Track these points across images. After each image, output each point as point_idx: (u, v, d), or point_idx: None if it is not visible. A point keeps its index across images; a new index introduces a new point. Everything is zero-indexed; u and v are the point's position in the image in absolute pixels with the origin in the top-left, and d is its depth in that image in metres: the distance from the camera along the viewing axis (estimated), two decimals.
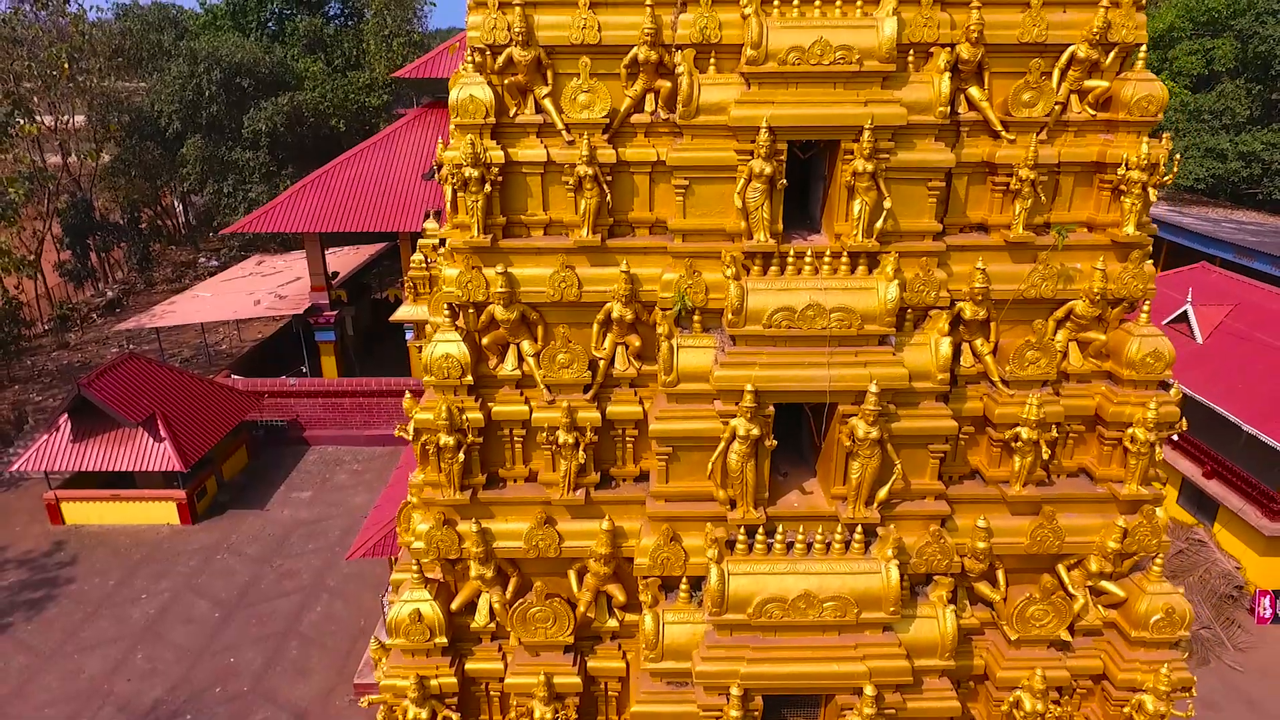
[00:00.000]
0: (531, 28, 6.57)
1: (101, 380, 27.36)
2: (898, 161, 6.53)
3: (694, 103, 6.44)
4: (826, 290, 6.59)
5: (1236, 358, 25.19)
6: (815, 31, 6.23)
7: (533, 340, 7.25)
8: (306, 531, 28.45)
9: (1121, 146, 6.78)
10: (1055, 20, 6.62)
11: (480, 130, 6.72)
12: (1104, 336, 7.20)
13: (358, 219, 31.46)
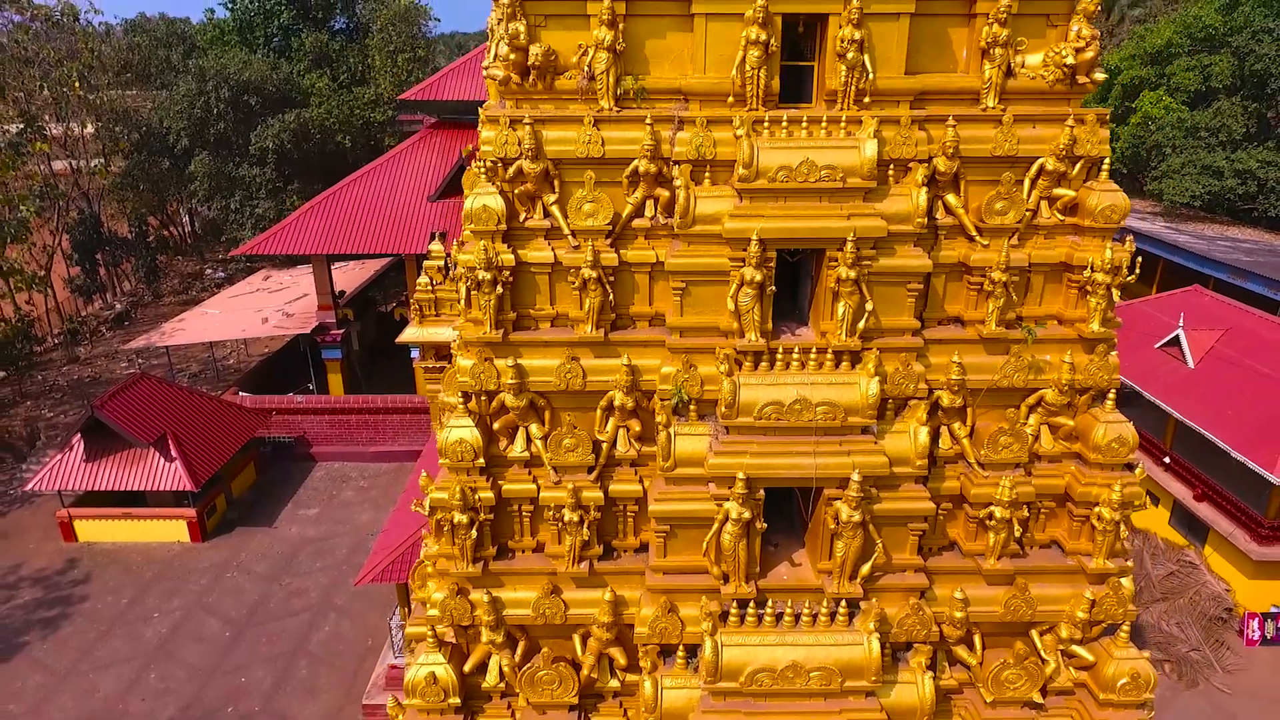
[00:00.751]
0: (540, 142, 7.10)
1: (114, 401, 27.92)
2: (879, 267, 7.06)
3: (690, 214, 6.97)
4: (813, 385, 7.12)
5: (1227, 383, 25.64)
6: (802, 152, 6.76)
7: (540, 424, 7.78)
8: (314, 549, 29.00)
9: (1087, 250, 7.30)
10: (1025, 135, 7.14)
11: (493, 235, 7.25)
12: (1072, 422, 7.72)
13: (364, 241, 32.02)
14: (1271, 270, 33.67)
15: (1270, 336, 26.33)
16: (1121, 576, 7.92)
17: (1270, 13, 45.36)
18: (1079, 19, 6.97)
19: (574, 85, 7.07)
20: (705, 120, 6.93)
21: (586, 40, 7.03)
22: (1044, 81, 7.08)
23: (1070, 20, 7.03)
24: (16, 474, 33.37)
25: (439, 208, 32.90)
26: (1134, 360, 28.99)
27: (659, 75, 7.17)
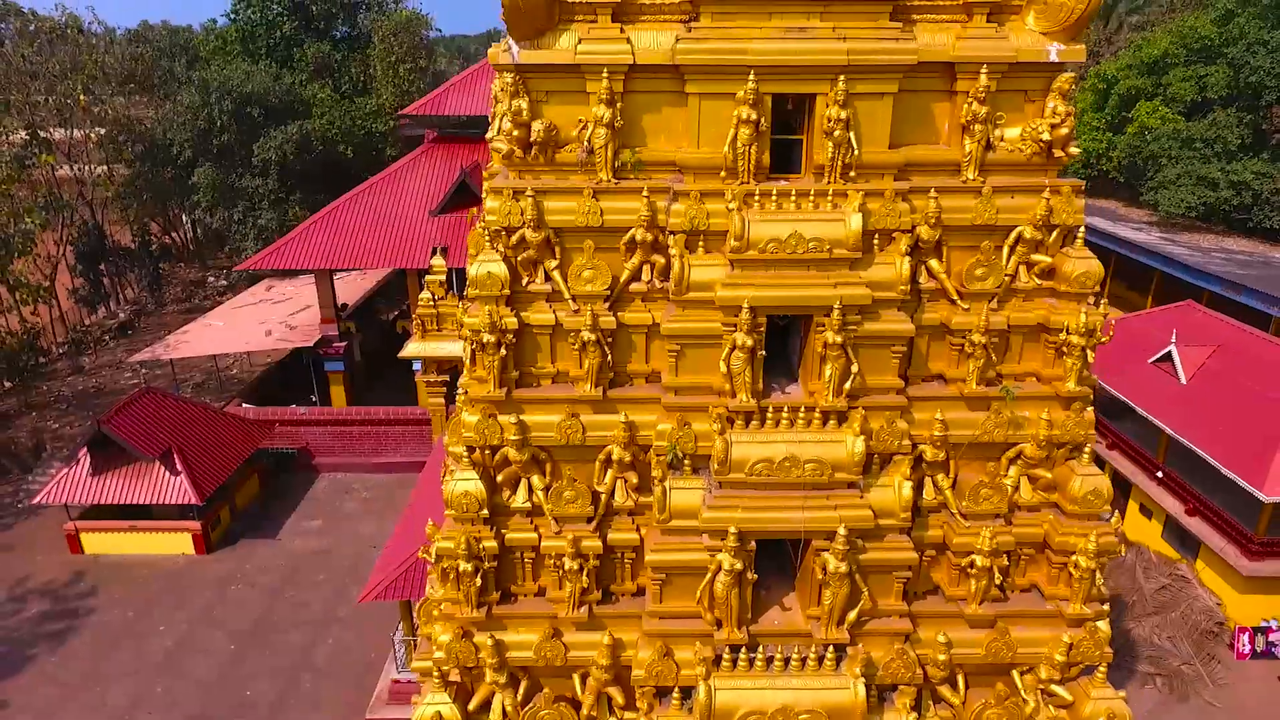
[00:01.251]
0: (542, 212, 7.46)
1: (120, 416, 28.29)
2: (864, 331, 7.42)
3: (685, 282, 7.33)
4: (801, 443, 7.48)
5: (1218, 400, 25.98)
6: (791, 225, 7.12)
7: (542, 476, 8.14)
8: (317, 562, 29.36)
9: (1063, 313, 7.65)
10: (1004, 205, 7.50)
11: (497, 300, 7.60)
12: (1050, 475, 8.08)
13: (366, 256, 32.39)
14: (1264, 284, 34.04)
15: (1261, 353, 26.69)
16: (1098, 620, 8.27)
17: (1265, 25, 45.69)
18: (1055, 96, 7.33)
19: (574, 158, 7.43)
20: (699, 193, 7.28)
21: (586, 115, 7.38)
22: (1022, 155, 7.44)
23: (1047, 96, 7.38)
24: (22, 485, 33.75)
25: (440, 222, 33.27)
26: (1128, 375, 29.36)
27: (655, 147, 7.53)
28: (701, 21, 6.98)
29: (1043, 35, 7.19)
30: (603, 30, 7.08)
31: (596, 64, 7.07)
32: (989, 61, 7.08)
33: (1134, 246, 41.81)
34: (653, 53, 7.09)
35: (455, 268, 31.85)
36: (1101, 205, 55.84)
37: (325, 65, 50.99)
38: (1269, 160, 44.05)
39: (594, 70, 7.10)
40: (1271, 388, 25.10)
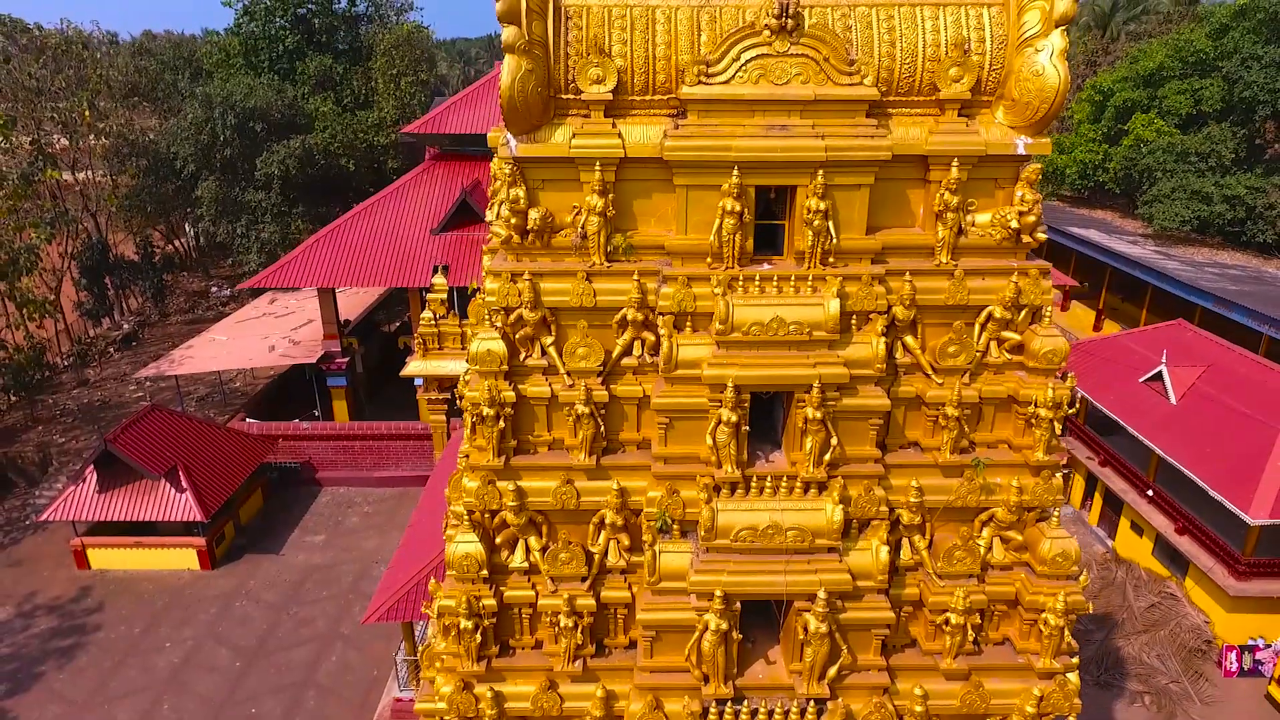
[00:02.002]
0: (538, 294, 7.89)
1: (126, 434, 28.71)
2: (843, 406, 7.85)
3: (673, 361, 7.76)
4: (784, 511, 7.92)
5: (1207, 420, 26.39)
6: (772, 309, 7.55)
7: (539, 537, 8.58)
8: (320, 577, 29.78)
9: (1032, 387, 8.08)
10: (975, 286, 7.93)
11: (496, 374, 8.04)
12: (1021, 537, 8.51)
13: (368, 275, 32.82)
14: (1256, 301, 34.42)
15: (1250, 375, 27.08)
16: (1067, 673, 8.70)
17: (1259, 40, 46.07)
18: (1023, 185, 7.75)
19: (569, 242, 7.86)
20: (686, 278, 7.71)
21: (580, 201, 7.81)
22: (992, 239, 7.87)
23: (1016, 185, 7.81)
24: (29, 499, 34.19)
25: (442, 241, 33.71)
26: (1119, 394, 29.79)
27: (645, 231, 7.96)
28: (688, 119, 7.41)
29: (1011, 129, 7.61)
30: (595, 125, 7.51)
31: (590, 157, 7.50)
32: (960, 155, 7.50)
33: (1128, 261, 42.17)
34: (643, 146, 7.52)
35: (456, 286, 32.35)
36: (1097, 216, 56.31)
37: (327, 78, 51.40)
38: (1262, 175, 44.45)
39: (587, 163, 7.53)
40: (1259, 409, 25.50)
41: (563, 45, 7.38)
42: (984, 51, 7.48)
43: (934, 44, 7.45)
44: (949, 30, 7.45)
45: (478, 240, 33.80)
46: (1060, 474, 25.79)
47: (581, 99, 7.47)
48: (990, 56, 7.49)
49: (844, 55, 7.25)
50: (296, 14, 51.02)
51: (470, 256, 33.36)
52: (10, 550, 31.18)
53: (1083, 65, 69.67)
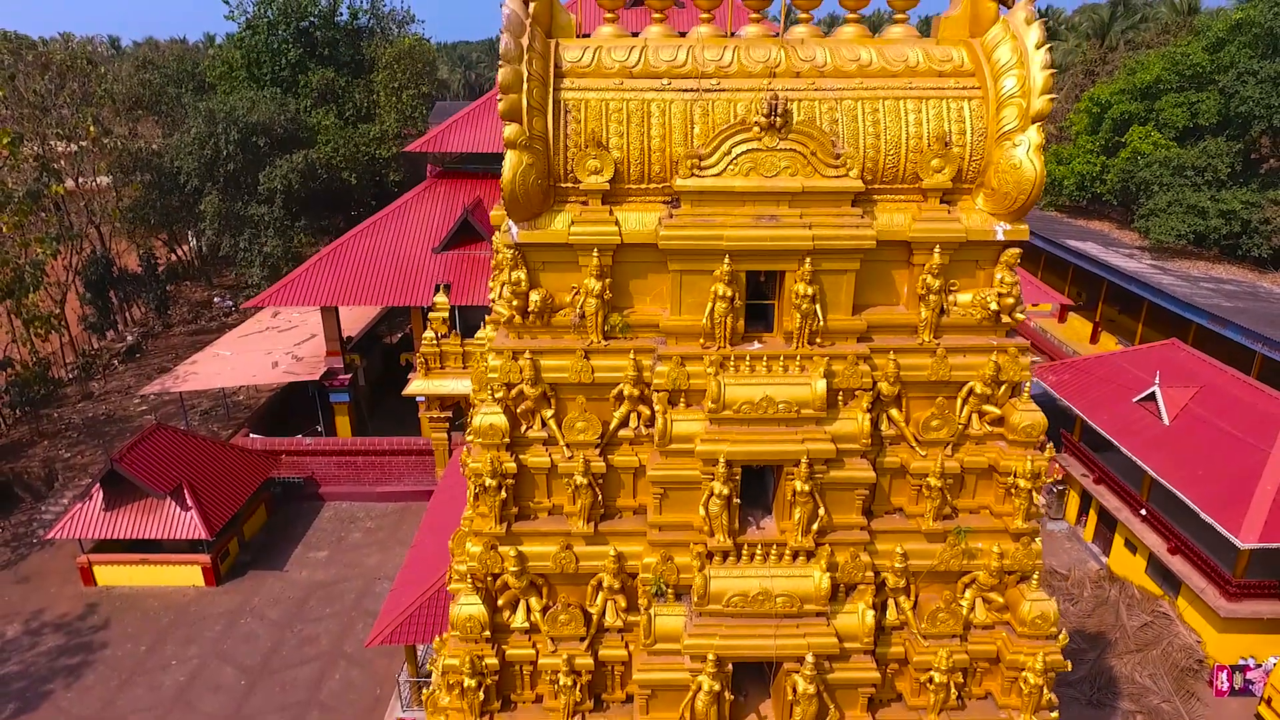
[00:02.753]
0: (539, 370, 8.25)
1: (132, 453, 29.12)
2: (830, 478, 8.20)
3: (667, 435, 8.12)
4: (773, 578, 8.27)
5: (1199, 443, 26.74)
6: (762, 389, 7.91)
7: (539, 598, 8.94)
8: (324, 594, 30.18)
9: (1012, 459, 8.43)
10: (957, 363, 8.28)
11: (498, 446, 8.39)
12: (1002, 599, 8.86)
13: (370, 294, 33.20)
14: (1249, 319, 34.75)
15: (1241, 397, 27.44)
16: None
17: (1255, 54, 46.39)
18: (1002, 268, 8.10)
19: (568, 321, 8.21)
20: (680, 357, 8.06)
21: (579, 281, 8.17)
22: (973, 318, 8.22)
23: (995, 267, 8.16)
24: (35, 515, 34.61)
25: (443, 259, 34.08)
26: (1113, 413, 30.15)
27: (641, 309, 8.31)
28: (682, 207, 7.76)
29: (991, 215, 7.96)
30: (593, 213, 7.86)
31: (588, 244, 7.86)
32: (942, 241, 7.86)
33: (1124, 275, 42.51)
34: (639, 233, 7.88)
35: (457, 305, 32.71)
36: (1095, 228, 56.65)
37: (329, 90, 51.80)
38: (1257, 190, 44.78)
39: (585, 248, 7.89)
40: (1250, 432, 25.86)
41: (562, 138, 7.74)
42: (965, 143, 7.83)
43: (917, 136, 7.80)
44: (931, 123, 7.79)
45: (479, 259, 34.19)
46: (1057, 489, 26.08)
47: (580, 188, 7.82)
48: (970, 148, 7.84)
49: (830, 149, 7.60)
50: (299, 27, 51.42)
51: (472, 275, 33.73)
52: (17, 566, 31.60)
53: (1081, 75, 70.04)
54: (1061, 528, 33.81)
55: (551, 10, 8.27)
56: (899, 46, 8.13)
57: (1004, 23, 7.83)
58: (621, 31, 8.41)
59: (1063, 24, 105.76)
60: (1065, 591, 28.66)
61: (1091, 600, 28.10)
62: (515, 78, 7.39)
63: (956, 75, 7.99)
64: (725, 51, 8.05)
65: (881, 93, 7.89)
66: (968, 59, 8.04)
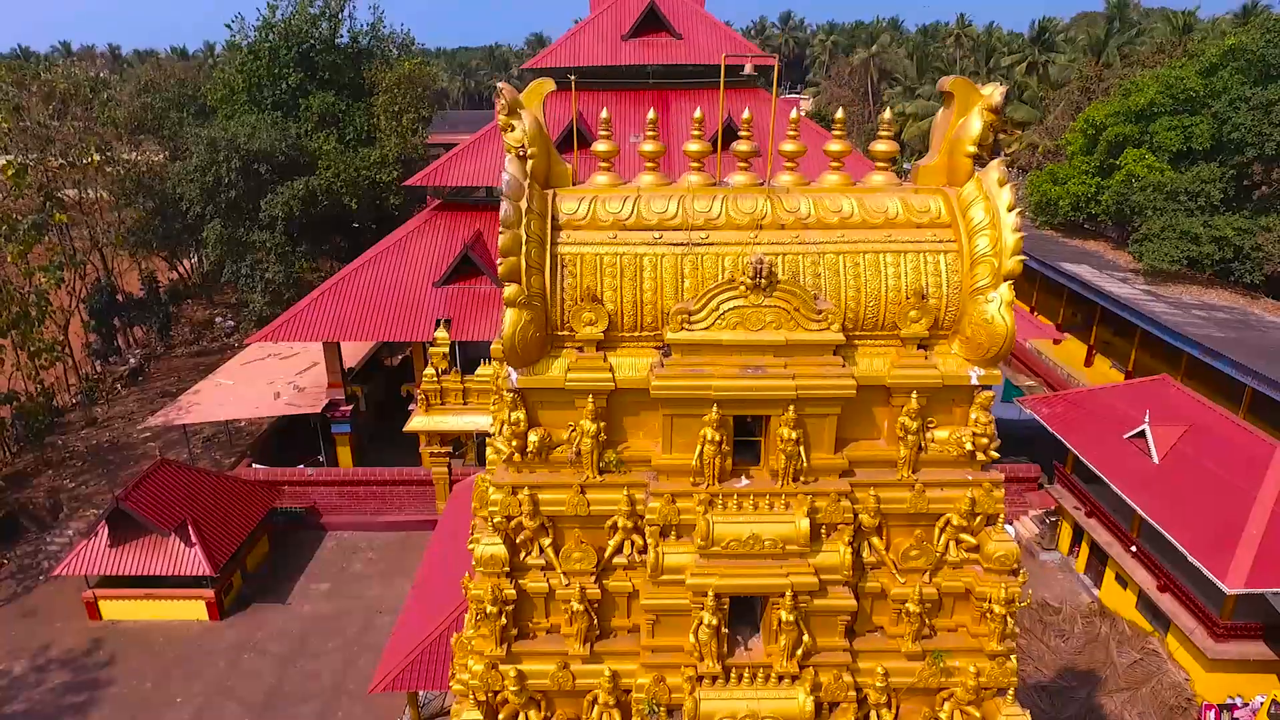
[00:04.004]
0: (537, 504, 8.67)
1: (137, 491, 29.53)
2: (814, 606, 8.63)
3: (659, 567, 8.55)
4: (760, 700, 8.70)
5: (1187, 483, 27.15)
6: (749, 526, 8.34)
7: (538, 712, 9.36)
8: (326, 628, 30.60)
9: (987, 584, 8.87)
10: (935, 496, 8.71)
11: (499, 575, 8.82)
12: (978, 712, 9.29)
13: (371, 328, 33.63)
14: (1240, 351, 35.16)
15: (1229, 437, 27.85)
16: None
17: (1247, 80, 46.77)
18: (977, 409, 8.53)
19: (565, 457, 8.64)
20: (671, 494, 8.49)
21: (575, 419, 8.59)
22: (949, 455, 8.65)
23: (971, 407, 8.59)
24: (40, 546, 35.03)
25: (444, 294, 34.50)
26: (1104, 449, 30.57)
27: (634, 444, 8.74)
28: (672, 357, 8.19)
29: (966, 360, 8.39)
30: (589, 360, 8.29)
31: (583, 390, 8.29)
32: (918, 386, 8.29)
33: (1117, 302, 42.93)
34: (632, 379, 8.31)
35: (458, 341, 33.15)
36: (1090, 248, 57.05)
37: (330, 114, 52.15)
38: (1249, 216, 45.17)
39: (581, 393, 8.32)
40: (1237, 474, 26.28)
41: (559, 292, 8.16)
42: (941, 295, 8.26)
43: (895, 289, 8.23)
44: (909, 276, 8.22)
45: (479, 293, 34.62)
46: (1050, 520, 26.57)
47: (577, 339, 8.24)
48: (946, 300, 8.27)
49: (812, 305, 8.02)
50: (300, 51, 51.77)
51: (472, 309, 34.16)
52: (23, 600, 32.03)
53: (1077, 93, 70.49)
54: (1054, 558, 34.27)
55: (549, 160, 8.69)
56: (879, 196, 8.56)
57: (978, 181, 8.26)
58: (616, 179, 8.85)
59: (1060, 34, 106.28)
60: (1056, 627, 29.10)
61: (1082, 637, 28.54)
62: (514, 242, 7.82)
63: (934, 227, 8.42)
64: (714, 203, 8.48)
65: (862, 246, 8.32)
66: (944, 210, 8.47)
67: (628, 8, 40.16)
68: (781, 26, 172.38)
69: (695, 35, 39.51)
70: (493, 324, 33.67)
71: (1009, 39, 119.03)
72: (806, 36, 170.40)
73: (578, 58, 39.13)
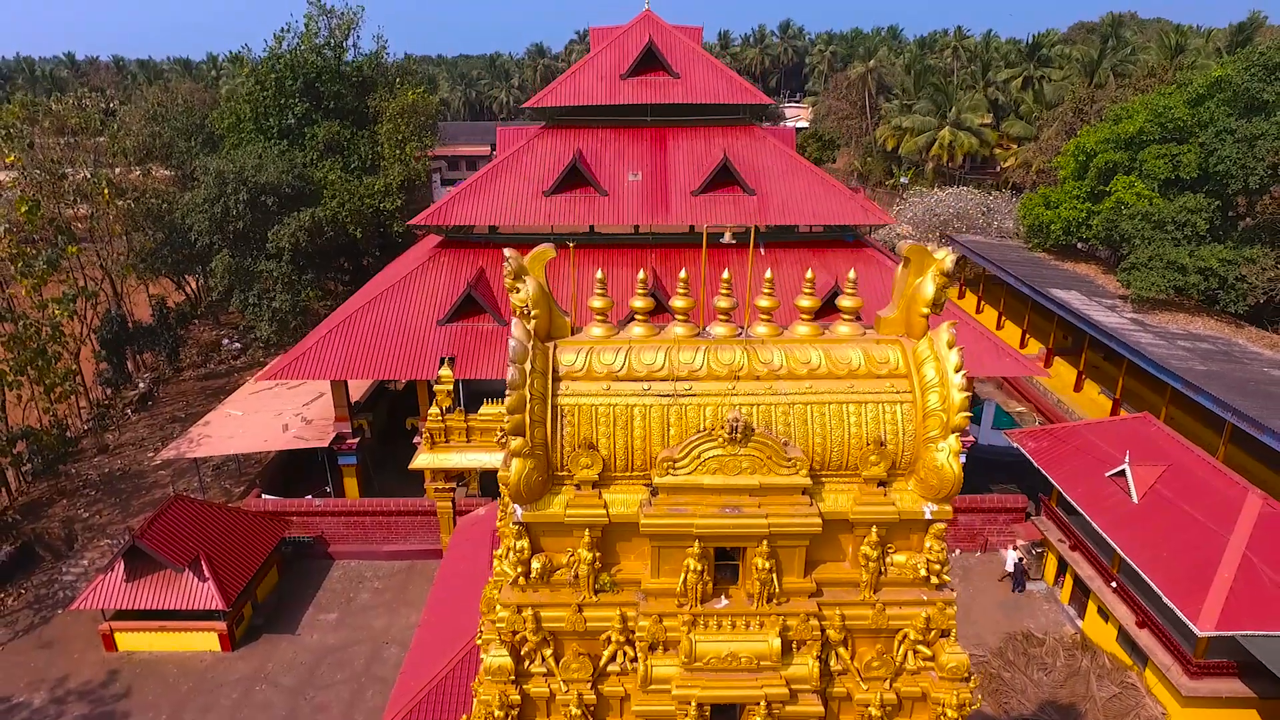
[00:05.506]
0: (539, 621, 9.73)
1: (152, 529, 30.63)
2: (785, 713, 9.68)
3: (648, 679, 9.61)
4: None
5: (1164, 523, 28.21)
6: (728, 645, 9.40)
7: None
8: (334, 660, 31.69)
9: (942, 690, 9.92)
10: (894, 613, 9.76)
11: (505, 682, 9.87)
12: None
13: (376, 367, 34.69)
14: (1221, 386, 36.20)
15: (1205, 479, 28.91)
16: None
17: (1233, 112, 47.77)
18: (931, 538, 9.58)
19: (564, 579, 9.69)
20: (658, 614, 9.55)
21: (573, 545, 9.64)
22: (907, 577, 9.70)
23: (926, 536, 9.64)
24: (56, 575, 36.12)
25: (447, 331, 35.56)
26: (1087, 486, 31.66)
27: (626, 566, 9.79)
28: (659, 497, 9.24)
29: (920, 498, 9.44)
30: (585, 498, 9.34)
31: (581, 524, 9.35)
32: (877, 521, 9.35)
33: (1104, 332, 43.97)
34: (624, 514, 9.36)
35: (461, 379, 34.20)
36: (1081, 272, 58.06)
37: (335, 142, 53.25)
38: (1234, 247, 46.21)
39: (579, 527, 9.38)
40: (1212, 517, 27.33)
41: (559, 440, 9.22)
42: (898, 442, 9.31)
43: (857, 437, 9.28)
44: (869, 425, 9.28)
45: (482, 331, 35.68)
46: (1036, 550, 27.96)
47: (574, 478, 9.30)
48: (903, 446, 9.32)
49: (783, 454, 9.07)
50: (305, 80, 52.87)
51: (475, 347, 35.21)
52: (41, 631, 33.11)
53: (1071, 116, 71.52)
54: (1040, 588, 35.33)
55: (550, 316, 9.73)
56: (844, 348, 9.62)
57: (930, 341, 9.32)
58: (610, 330, 9.89)
59: (1055, 45, 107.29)
60: (1039, 660, 30.15)
61: (1064, 670, 29.60)
62: (520, 401, 8.88)
63: (892, 377, 9.47)
64: (697, 355, 9.53)
65: (828, 397, 9.38)
66: (902, 361, 9.53)
67: (627, 47, 41.20)
68: (781, 35, 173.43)
69: (692, 74, 40.56)
70: (495, 361, 34.73)
71: (1007, 48, 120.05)
72: (805, 45, 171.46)
73: (578, 96, 40.19)
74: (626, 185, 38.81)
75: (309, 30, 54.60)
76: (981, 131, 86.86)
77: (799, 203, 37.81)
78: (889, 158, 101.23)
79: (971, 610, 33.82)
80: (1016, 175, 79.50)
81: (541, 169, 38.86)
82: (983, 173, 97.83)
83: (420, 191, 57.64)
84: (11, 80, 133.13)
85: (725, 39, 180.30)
